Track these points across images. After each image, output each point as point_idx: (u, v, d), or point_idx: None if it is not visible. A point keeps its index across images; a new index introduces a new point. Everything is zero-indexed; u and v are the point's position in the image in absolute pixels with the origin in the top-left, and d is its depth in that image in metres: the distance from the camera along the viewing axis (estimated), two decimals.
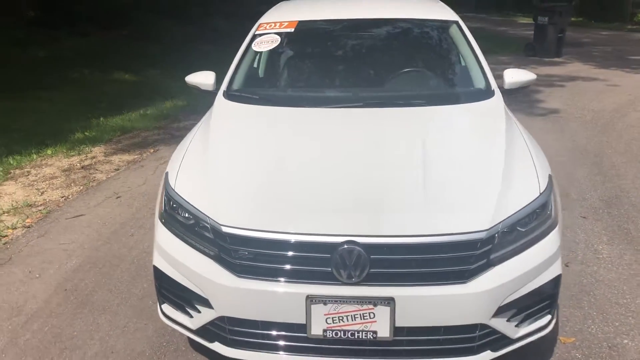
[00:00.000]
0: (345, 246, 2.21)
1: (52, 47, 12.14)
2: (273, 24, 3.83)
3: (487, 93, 3.33)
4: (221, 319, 2.36)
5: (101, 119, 7.53)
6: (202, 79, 3.64)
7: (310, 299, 2.22)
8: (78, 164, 5.81)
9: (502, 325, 2.33)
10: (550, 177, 2.60)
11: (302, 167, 2.62)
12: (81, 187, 5.16)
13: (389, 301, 2.20)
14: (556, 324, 3.00)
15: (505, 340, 2.38)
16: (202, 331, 2.46)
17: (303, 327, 2.27)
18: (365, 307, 2.22)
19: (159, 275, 2.56)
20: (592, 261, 3.65)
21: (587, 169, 5.39)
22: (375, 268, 2.21)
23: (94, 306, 3.24)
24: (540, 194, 2.45)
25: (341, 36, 3.90)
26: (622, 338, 2.90)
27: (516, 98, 8.34)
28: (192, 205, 2.47)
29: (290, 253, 2.26)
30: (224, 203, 2.42)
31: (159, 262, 2.56)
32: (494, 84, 3.40)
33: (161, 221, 2.61)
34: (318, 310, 2.23)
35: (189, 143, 3.00)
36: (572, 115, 7.51)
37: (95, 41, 13.06)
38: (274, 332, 2.33)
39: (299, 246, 2.25)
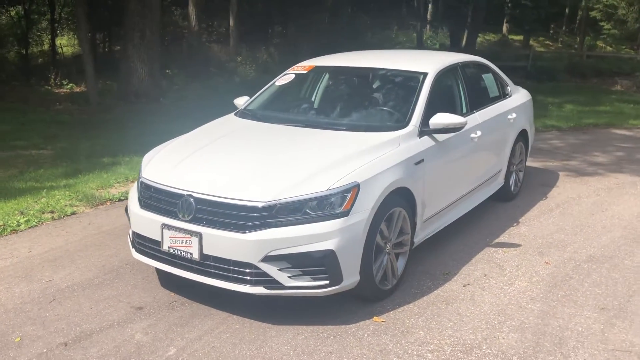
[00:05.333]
0: (185, 197, 3.56)
1: None
2: (299, 67, 5.22)
3: (400, 127, 4.18)
4: (133, 232, 3.91)
5: None
6: (239, 101, 5.21)
7: (163, 226, 3.62)
8: None
9: (273, 271, 3.38)
10: (356, 185, 3.49)
11: (207, 153, 4.02)
12: None
13: (198, 235, 3.48)
14: (382, 307, 3.76)
15: (277, 285, 3.40)
16: (131, 241, 4.03)
17: (159, 243, 3.67)
18: (186, 236, 3.53)
19: (126, 208, 4.22)
20: (492, 288, 4.09)
21: (622, 232, 5.31)
22: (199, 213, 3.52)
23: None
24: (326, 190, 3.41)
25: (333, 77, 5.12)
26: (420, 329, 3.52)
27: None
28: (141, 166, 4.10)
29: (160, 196, 3.72)
30: (152, 164, 4.01)
31: (128, 201, 4.22)
32: (415, 121, 4.22)
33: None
34: (166, 233, 3.62)
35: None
36: None
37: None
38: (150, 245, 3.77)
39: (164, 193, 3.69)
